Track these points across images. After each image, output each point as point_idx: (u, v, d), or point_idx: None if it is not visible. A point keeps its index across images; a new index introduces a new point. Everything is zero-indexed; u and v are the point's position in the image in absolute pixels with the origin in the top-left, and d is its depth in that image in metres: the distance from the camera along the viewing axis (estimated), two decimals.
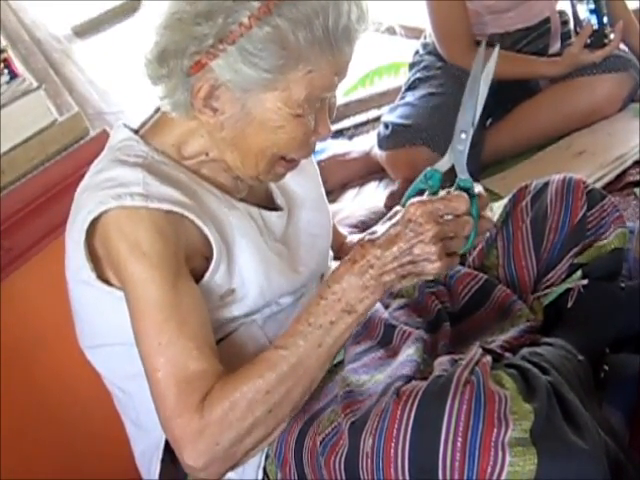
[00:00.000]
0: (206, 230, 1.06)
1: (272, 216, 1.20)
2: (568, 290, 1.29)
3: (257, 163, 1.11)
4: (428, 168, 1.09)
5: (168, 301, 1.01)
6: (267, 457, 1.09)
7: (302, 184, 1.29)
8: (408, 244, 0.99)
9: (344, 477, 0.98)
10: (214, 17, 1.00)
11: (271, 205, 1.24)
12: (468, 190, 1.05)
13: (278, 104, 1.05)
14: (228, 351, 1.13)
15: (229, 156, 1.12)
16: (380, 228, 1.03)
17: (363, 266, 1.00)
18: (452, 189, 1.06)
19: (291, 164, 1.16)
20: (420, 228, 0.99)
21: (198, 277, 1.09)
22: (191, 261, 1.08)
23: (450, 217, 1.01)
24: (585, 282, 1.28)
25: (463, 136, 1.10)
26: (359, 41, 1.07)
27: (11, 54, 1.90)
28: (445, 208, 1.00)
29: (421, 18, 2.35)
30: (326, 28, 1.01)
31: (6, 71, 1.74)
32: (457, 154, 1.10)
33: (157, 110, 1.19)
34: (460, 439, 0.88)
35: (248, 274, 1.12)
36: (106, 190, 1.03)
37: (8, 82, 1.74)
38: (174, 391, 0.99)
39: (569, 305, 1.27)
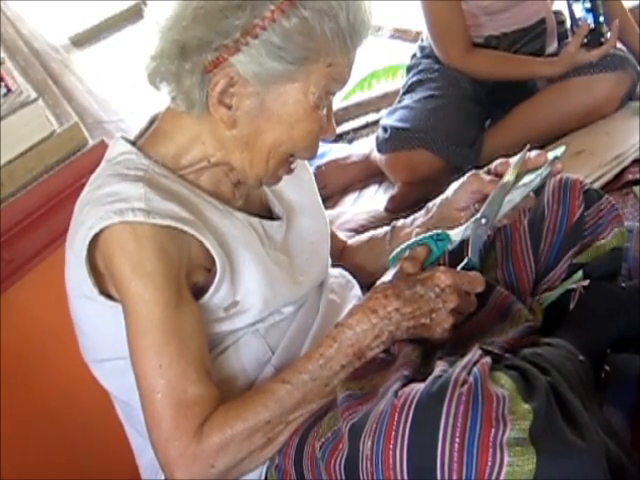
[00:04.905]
0: (209, 245, 1.06)
1: (273, 225, 1.20)
2: (569, 290, 1.28)
3: (268, 161, 1.12)
4: (441, 230, 1.14)
5: (170, 323, 1.02)
6: (268, 469, 1.09)
7: (298, 191, 1.29)
8: (429, 308, 1.05)
9: None
10: (241, 10, 1.01)
11: (268, 214, 1.24)
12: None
13: (298, 96, 1.07)
14: (230, 361, 1.14)
15: (237, 156, 1.12)
16: (401, 282, 1.07)
17: (383, 318, 1.04)
18: (460, 266, 1.11)
19: (291, 167, 1.17)
20: (445, 297, 1.05)
21: (201, 290, 1.09)
22: (193, 275, 1.08)
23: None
24: (586, 283, 1.28)
25: (484, 221, 1.14)
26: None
27: (9, 66, 1.90)
28: (468, 285, 1.07)
29: (418, 21, 2.36)
30: (349, 21, 1.04)
31: (2, 84, 1.74)
32: (476, 237, 1.14)
33: (153, 120, 1.19)
34: (458, 440, 0.87)
35: (252, 286, 1.12)
36: (107, 205, 1.03)
37: (6, 95, 1.75)
38: (172, 414, 1.00)
39: (571, 307, 1.27)
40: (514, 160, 1.18)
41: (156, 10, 1.07)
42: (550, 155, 1.16)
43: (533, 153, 1.17)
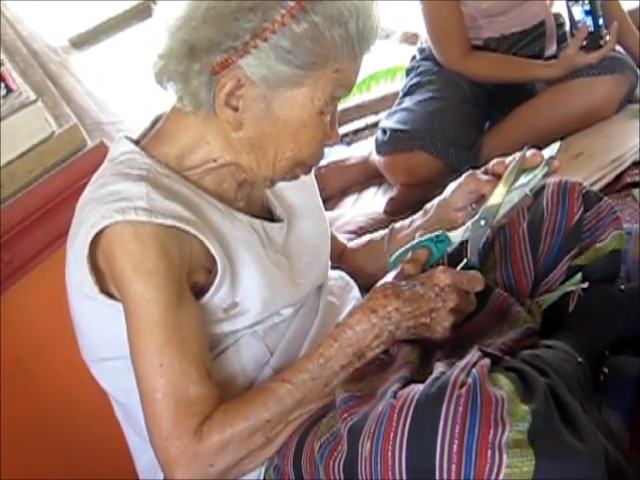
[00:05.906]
0: (210, 246, 1.06)
1: (274, 227, 1.21)
2: (567, 293, 1.28)
3: (275, 164, 1.12)
4: (441, 232, 1.16)
5: (171, 323, 1.02)
6: (266, 470, 1.09)
7: (300, 194, 1.29)
8: (429, 307, 1.05)
9: None
10: (252, 13, 1.01)
11: (269, 216, 1.24)
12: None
13: (304, 101, 1.07)
14: (229, 362, 1.14)
15: (244, 158, 1.12)
16: (403, 282, 1.08)
17: (383, 318, 1.05)
18: (459, 267, 1.13)
19: (308, 167, 1.17)
20: (445, 296, 1.05)
21: (201, 290, 1.09)
22: (194, 275, 1.09)
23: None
24: (585, 285, 1.28)
25: (483, 222, 1.15)
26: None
27: (9, 67, 1.90)
28: (467, 284, 1.08)
29: (418, 23, 2.36)
30: (358, 28, 1.04)
31: (2, 85, 1.74)
32: (475, 237, 1.15)
33: (157, 120, 1.19)
34: (457, 441, 0.87)
35: (252, 288, 1.12)
36: (109, 204, 1.03)
37: (5, 96, 1.75)
38: (172, 413, 1.00)
39: (570, 309, 1.27)
40: (512, 160, 1.18)
41: (165, 9, 1.07)
42: (546, 154, 1.17)
43: (529, 152, 1.18)
